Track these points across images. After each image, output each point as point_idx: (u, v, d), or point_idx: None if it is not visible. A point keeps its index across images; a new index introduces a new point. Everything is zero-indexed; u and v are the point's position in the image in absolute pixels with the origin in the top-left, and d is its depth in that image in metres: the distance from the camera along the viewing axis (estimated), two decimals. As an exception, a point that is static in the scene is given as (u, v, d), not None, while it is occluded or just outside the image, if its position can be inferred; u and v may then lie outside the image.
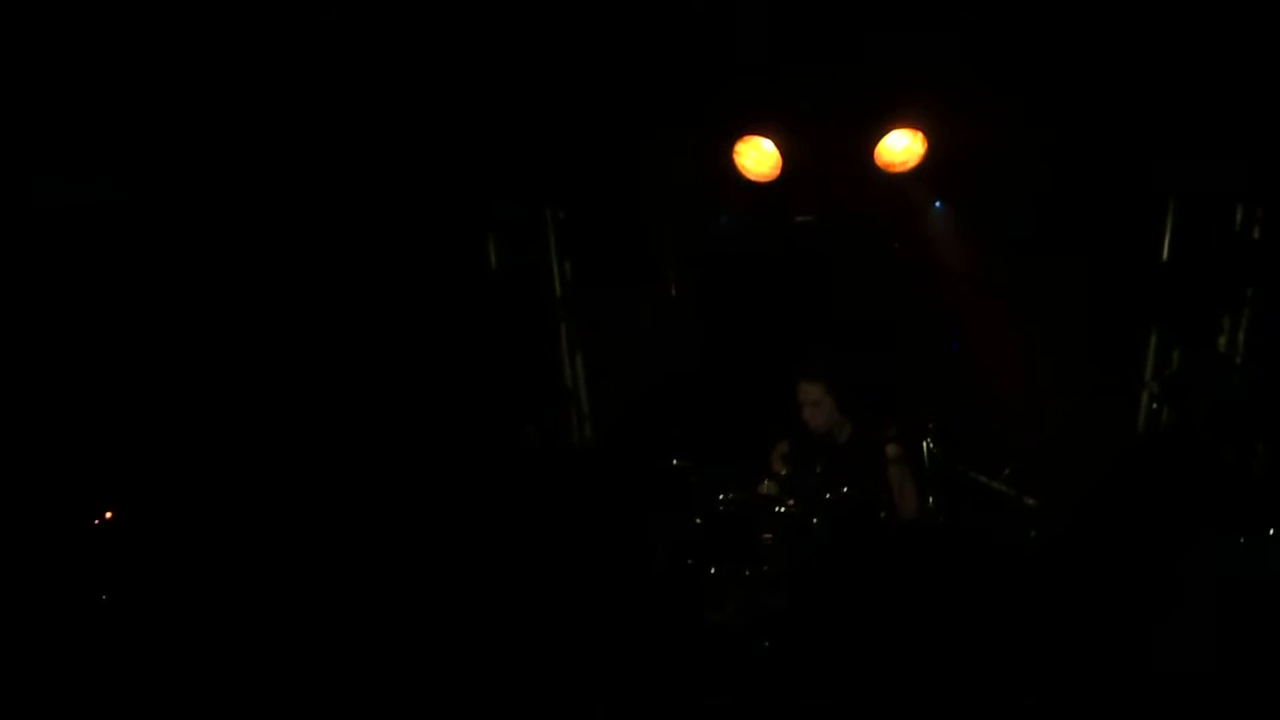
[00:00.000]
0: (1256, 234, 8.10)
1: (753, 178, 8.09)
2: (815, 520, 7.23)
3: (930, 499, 7.35)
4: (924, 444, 7.32)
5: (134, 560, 7.26)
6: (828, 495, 7.27)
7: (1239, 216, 8.14)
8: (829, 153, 8.08)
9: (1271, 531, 6.83)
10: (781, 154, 8.02)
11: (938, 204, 8.34)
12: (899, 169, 8.04)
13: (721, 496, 7.36)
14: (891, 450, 7.42)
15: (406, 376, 8.14)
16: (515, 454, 8.24)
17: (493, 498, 7.96)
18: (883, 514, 7.34)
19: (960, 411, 7.69)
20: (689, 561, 7.34)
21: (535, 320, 8.58)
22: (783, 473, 7.49)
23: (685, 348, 8.52)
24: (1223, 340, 8.10)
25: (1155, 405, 8.11)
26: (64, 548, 7.12)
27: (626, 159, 8.19)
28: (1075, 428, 7.84)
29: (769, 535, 7.29)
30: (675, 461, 7.42)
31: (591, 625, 7.40)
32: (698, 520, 7.36)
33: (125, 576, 7.20)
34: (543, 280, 8.63)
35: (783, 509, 7.28)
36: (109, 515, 7.36)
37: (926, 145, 7.99)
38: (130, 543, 7.29)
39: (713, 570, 7.29)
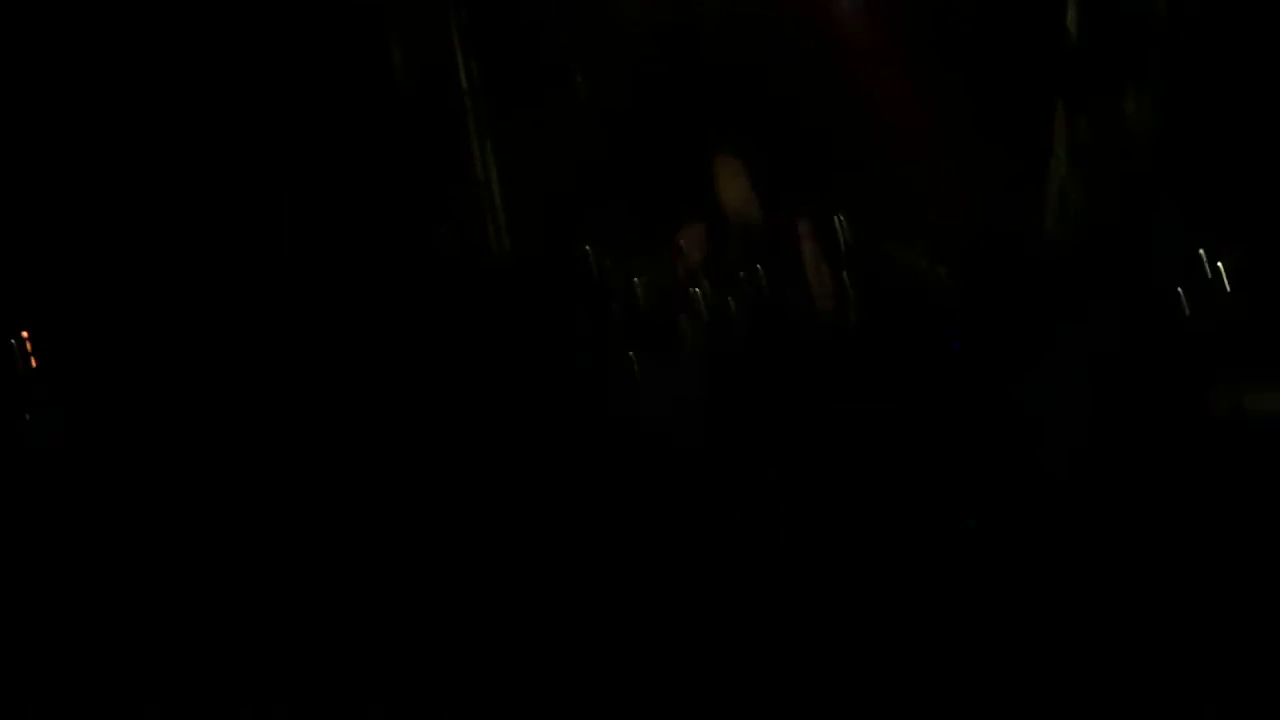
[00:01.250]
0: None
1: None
2: (733, 303, 7.30)
3: (845, 274, 7.41)
4: (836, 218, 7.38)
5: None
6: (742, 275, 7.33)
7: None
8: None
9: None
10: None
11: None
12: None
13: (636, 280, 7.43)
14: (804, 226, 7.46)
15: (313, 185, 8.04)
16: (430, 252, 8.21)
17: (411, 298, 7.96)
18: (796, 295, 7.41)
19: (873, 187, 7.71)
20: (606, 349, 7.42)
21: (443, 118, 8.46)
22: (696, 255, 7.52)
23: (599, 137, 8.47)
24: (1130, 106, 8.11)
25: (1063, 172, 8.15)
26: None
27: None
28: (987, 202, 7.87)
29: (685, 318, 7.36)
30: (589, 250, 7.45)
31: (515, 414, 7.45)
32: (614, 307, 7.42)
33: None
34: (449, 77, 8.49)
35: (698, 291, 7.34)
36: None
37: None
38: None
39: (632, 355, 7.38)
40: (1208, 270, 7.22)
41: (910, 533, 6.35)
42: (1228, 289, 7.13)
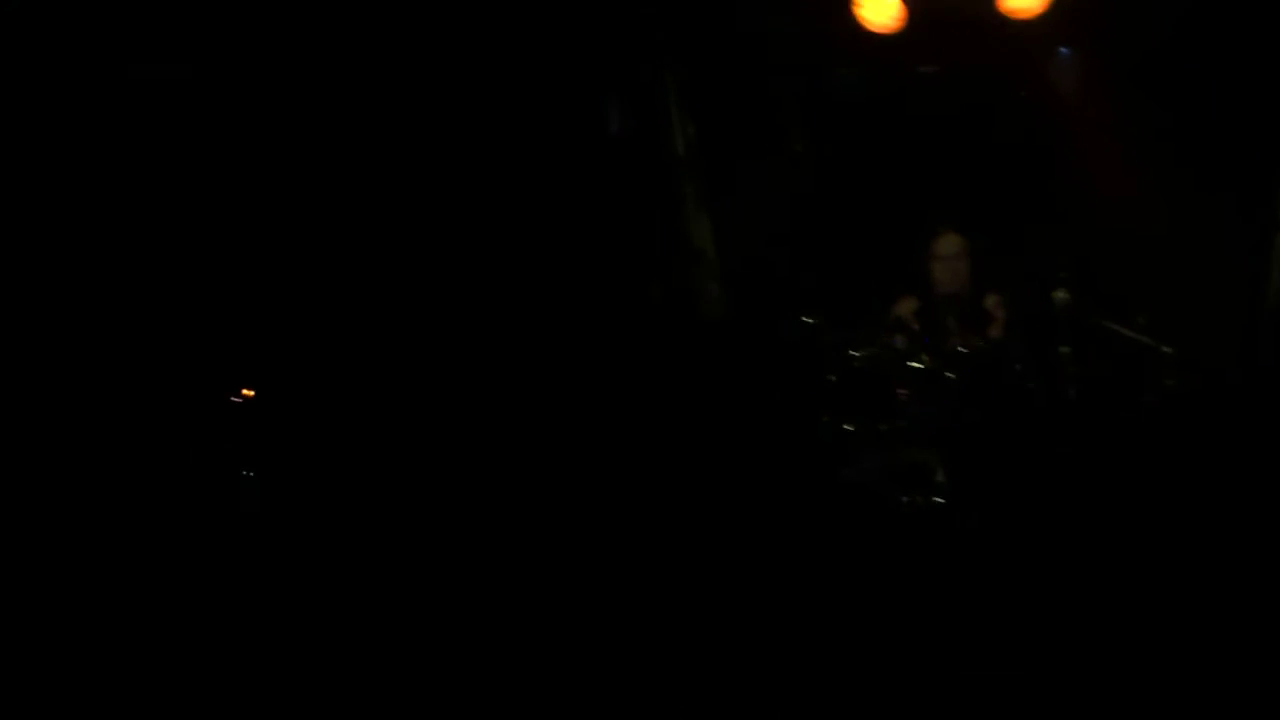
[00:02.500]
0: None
1: (874, 29, 8.05)
2: (949, 373, 7.34)
3: (1063, 349, 7.43)
4: (1056, 293, 7.41)
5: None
6: (961, 349, 7.37)
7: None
8: (953, 1, 8.00)
9: None
10: (903, 3, 7.99)
11: (1063, 50, 8.28)
12: (1023, 15, 7.98)
13: (854, 353, 7.49)
14: (1022, 302, 7.50)
15: (528, 243, 8.19)
16: (644, 315, 8.32)
17: (622, 361, 8.07)
18: (1017, 367, 7.44)
19: (1093, 260, 7.73)
20: (824, 419, 7.48)
21: (659, 183, 8.59)
22: (915, 328, 7.57)
23: (810, 205, 8.56)
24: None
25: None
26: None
27: (745, 16, 8.15)
28: (1210, 274, 7.85)
29: (904, 390, 7.40)
30: (807, 320, 7.52)
31: (727, 485, 7.52)
32: (831, 377, 7.49)
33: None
34: (665, 142, 8.62)
35: (916, 364, 7.39)
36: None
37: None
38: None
39: (849, 427, 7.43)
40: None
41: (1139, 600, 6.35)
42: None
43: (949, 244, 7.46)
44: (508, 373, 8.06)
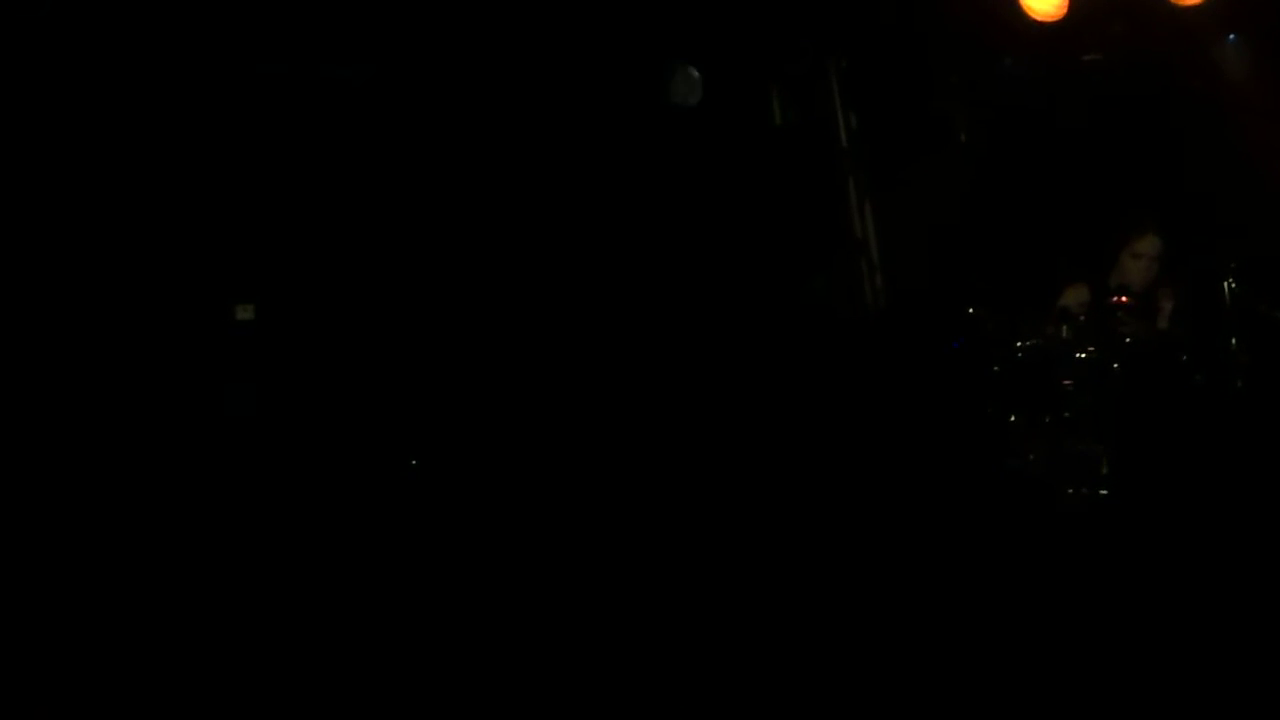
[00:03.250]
0: None
1: (1038, 17, 8.06)
2: (1116, 365, 7.37)
3: (1233, 339, 7.43)
4: (1225, 284, 7.41)
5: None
6: (1128, 340, 7.40)
7: None
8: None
9: None
10: (1068, -9, 8.01)
11: (1231, 37, 8.23)
12: (1189, 2, 7.96)
13: (1019, 343, 7.55)
14: (1187, 291, 7.51)
15: (697, 233, 8.35)
16: (809, 306, 8.45)
17: (790, 351, 8.20)
18: (1184, 357, 7.45)
19: (1262, 251, 7.71)
20: (989, 409, 7.56)
21: (823, 174, 8.70)
22: (1081, 319, 7.60)
23: (975, 196, 8.61)
24: None
25: None
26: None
27: (908, 7, 8.22)
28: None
29: (1069, 381, 7.45)
30: (971, 310, 7.59)
31: (895, 476, 7.62)
32: (996, 368, 7.56)
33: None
34: (829, 133, 8.73)
35: (1083, 355, 7.43)
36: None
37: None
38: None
39: (1013, 417, 7.51)
40: None
41: None
42: None
43: (1149, 244, 7.47)
44: (678, 361, 8.21)
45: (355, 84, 7.90)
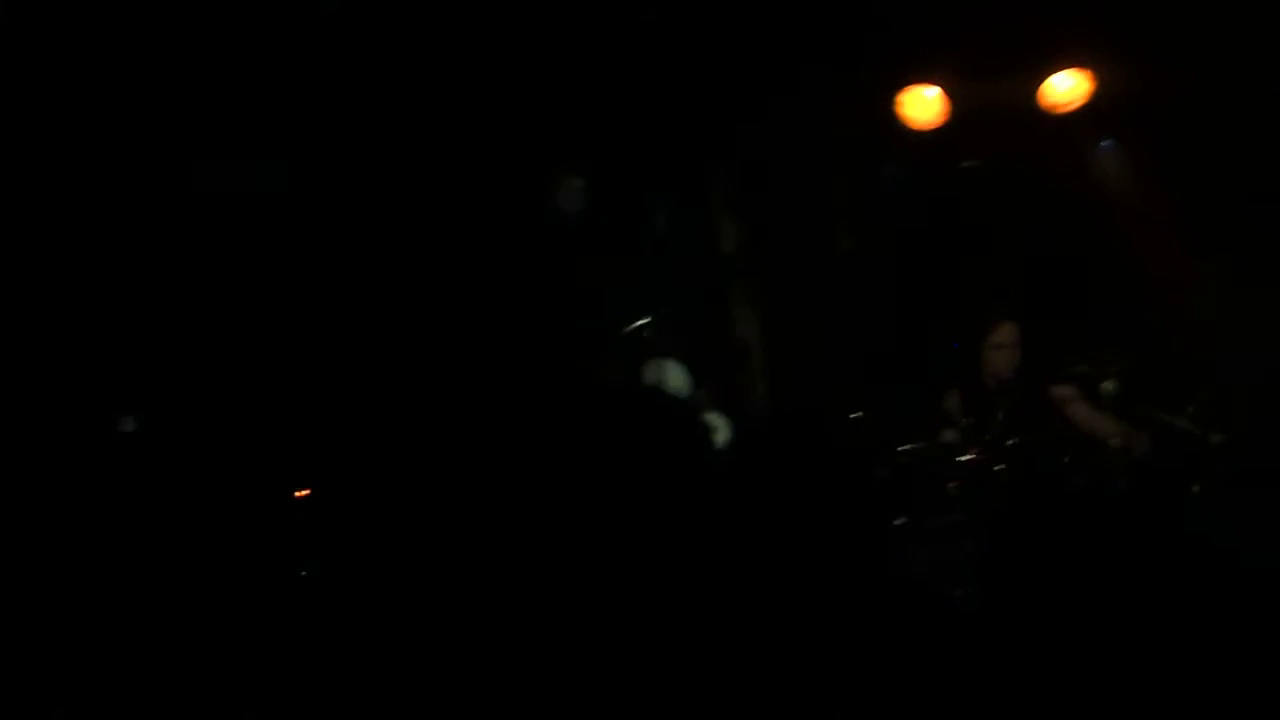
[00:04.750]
0: None
1: (917, 126, 8.25)
2: (998, 467, 7.43)
3: (1112, 441, 7.53)
4: (1103, 385, 7.52)
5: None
6: (1010, 442, 7.47)
7: None
8: (994, 97, 8.19)
9: None
10: (945, 101, 8.18)
11: (1105, 142, 8.44)
12: (1065, 109, 8.17)
13: (903, 448, 7.61)
14: (1064, 391, 7.60)
15: (581, 342, 8.39)
16: (691, 415, 8.47)
17: (671, 462, 8.20)
18: (1066, 459, 7.53)
19: (1141, 350, 7.84)
20: (873, 514, 7.60)
21: (707, 280, 8.79)
22: (963, 422, 7.68)
23: (857, 302, 8.72)
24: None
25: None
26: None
27: (789, 115, 8.35)
28: (1256, 363, 7.95)
29: (953, 484, 7.51)
30: (855, 416, 7.66)
31: (781, 582, 7.62)
32: (881, 473, 7.61)
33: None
34: (712, 240, 8.82)
35: (966, 458, 7.50)
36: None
37: (1092, 84, 8.09)
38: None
39: (899, 522, 7.55)
40: None
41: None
42: None
43: (1006, 332, 7.56)
44: (545, 473, 8.19)
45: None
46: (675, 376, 8.11)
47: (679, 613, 7.32)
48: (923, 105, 8.24)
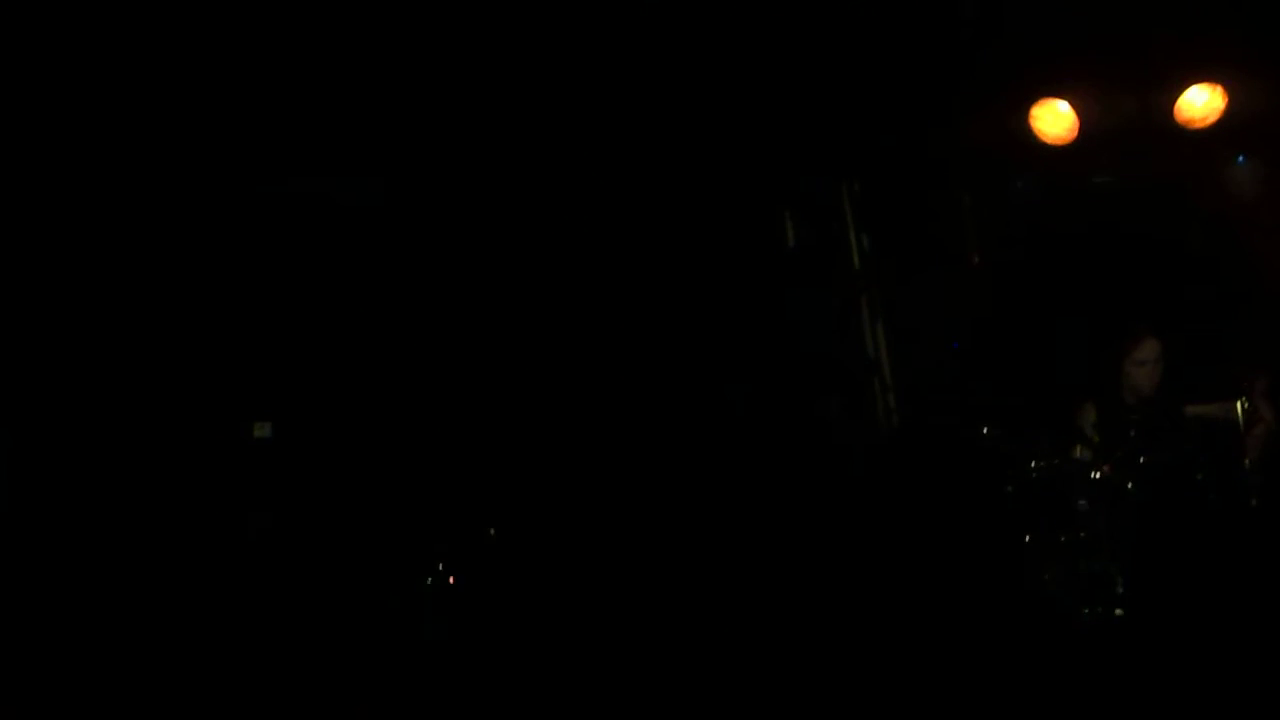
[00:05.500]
0: None
1: (1049, 141, 8.25)
2: (1131, 485, 7.43)
3: (1246, 460, 7.50)
4: (1239, 403, 7.49)
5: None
6: (1142, 459, 7.46)
7: None
8: (1127, 112, 8.18)
9: None
10: (1078, 115, 8.17)
11: (1240, 158, 8.40)
12: (1200, 125, 8.13)
13: (1034, 464, 7.62)
14: (1200, 411, 7.58)
15: (708, 357, 8.48)
16: (820, 428, 8.54)
17: (800, 474, 8.28)
18: (1199, 476, 7.51)
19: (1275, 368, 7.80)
20: (1005, 531, 7.62)
21: (836, 295, 8.84)
22: (1095, 438, 7.67)
23: (988, 315, 8.73)
24: None
25: None
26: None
27: (920, 129, 8.39)
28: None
29: (1084, 501, 7.51)
30: (985, 430, 7.68)
31: (909, 596, 7.68)
32: (1011, 489, 7.63)
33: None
34: (841, 254, 8.87)
35: (1097, 474, 7.49)
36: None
37: (1227, 99, 8.05)
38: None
39: (1028, 538, 7.56)
40: None
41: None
42: None
43: (1148, 349, 7.54)
44: (692, 482, 8.30)
45: (362, 204, 8.07)
46: None
47: (804, 623, 7.43)
48: (1055, 119, 8.23)
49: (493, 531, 7.74)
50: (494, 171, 8.36)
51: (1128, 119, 8.24)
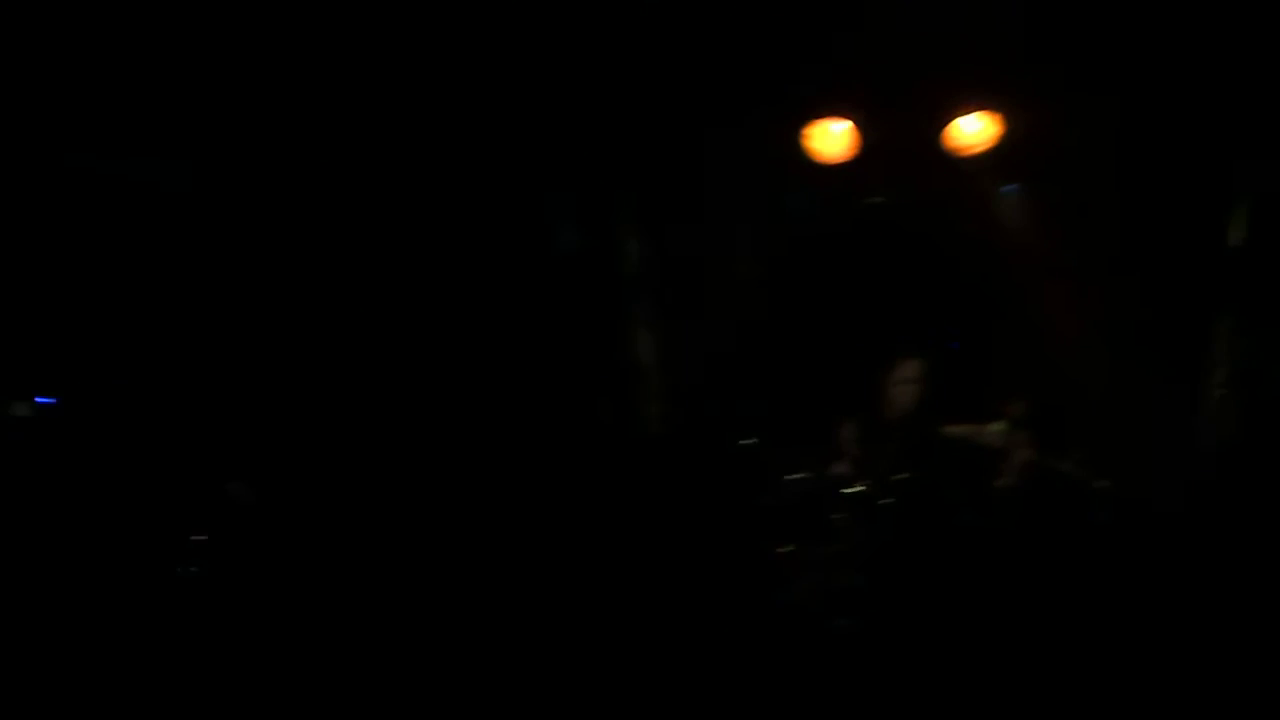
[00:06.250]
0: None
1: (824, 159, 8.35)
2: (886, 501, 7.54)
3: (999, 482, 7.66)
4: (992, 426, 7.66)
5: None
6: (899, 477, 7.58)
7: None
8: (901, 135, 8.32)
9: None
10: (853, 136, 8.29)
11: (1008, 187, 8.60)
12: (970, 152, 8.30)
13: (793, 476, 7.70)
14: (959, 432, 7.73)
15: (472, 361, 8.42)
16: (590, 431, 8.53)
17: (566, 476, 8.26)
18: (951, 495, 7.65)
19: (1034, 393, 7.98)
20: (760, 541, 7.68)
21: (607, 301, 8.84)
22: (855, 453, 7.78)
23: (758, 328, 8.81)
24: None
25: (1223, 393, 8.40)
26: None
27: (697, 137, 8.44)
28: (1144, 412, 8.12)
29: (840, 515, 7.61)
30: (749, 441, 7.73)
31: (661, 604, 7.69)
32: (770, 500, 7.69)
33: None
34: (613, 261, 8.88)
35: (854, 490, 7.60)
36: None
37: (999, 128, 8.24)
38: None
39: (784, 549, 7.63)
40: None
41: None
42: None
43: (910, 368, 7.66)
44: (454, 484, 8.22)
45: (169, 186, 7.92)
46: None
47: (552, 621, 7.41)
48: (831, 139, 8.33)
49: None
50: (298, 160, 8.20)
51: (902, 142, 8.35)
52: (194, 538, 7.48)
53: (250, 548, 7.60)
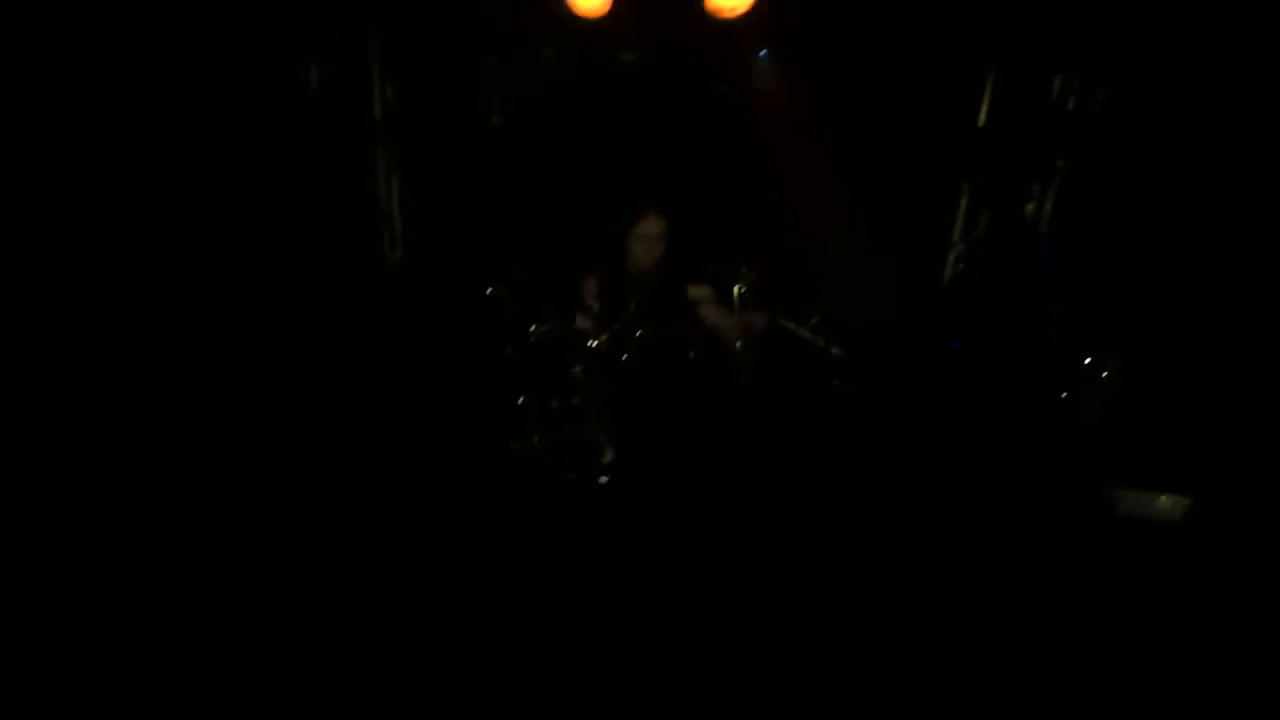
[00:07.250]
0: (1071, 105, 8.57)
1: (580, 13, 8.28)
2: (625, 356, 7.56)
3: (737, 343, 7.74)
4: (735, 289, 7.70)
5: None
6: (639, 332, 7.60)
7: (1055, 86, 8.58)
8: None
9: None
10: (610, -11, 8.25)
11: (763, 51, 8.64)
12: (728, 14, 8.29)
13: (533, 328, 7.67)
14: (700, 292, 7.77)
15: (212, 196, 8.20)
16: (327, 271, 8.42)
17: (304, 318, 8.15)
18: (691, 354, 7.71)
19: (774, 258, 8.07)
20: (496, 390, 7.66)
21: (352, 143, 8.69)
22: (596, 308, 7.78)
23: (506, 178, 8.76)
24: (1030, 207, 8.61)
25: (960, 265, 8.62)
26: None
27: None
28: (884, 281, 8.27)
29: (579, 369, 7.61)
30: (489, 291, 7.68)
31: (393, 444, 7.67)
32: (508, 350, 7.66)
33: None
34: (363, 103, 8.73)
35: (594, 344, 7.60)
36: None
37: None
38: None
39: (519, 400, 7.62)
40: (1096, 372, 7.72)
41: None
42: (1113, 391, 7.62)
43: (652, 225, 7.65)
44: (193, 338, 8.05)
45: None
46: None
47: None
48: (587, -9, 8.26)
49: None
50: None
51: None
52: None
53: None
